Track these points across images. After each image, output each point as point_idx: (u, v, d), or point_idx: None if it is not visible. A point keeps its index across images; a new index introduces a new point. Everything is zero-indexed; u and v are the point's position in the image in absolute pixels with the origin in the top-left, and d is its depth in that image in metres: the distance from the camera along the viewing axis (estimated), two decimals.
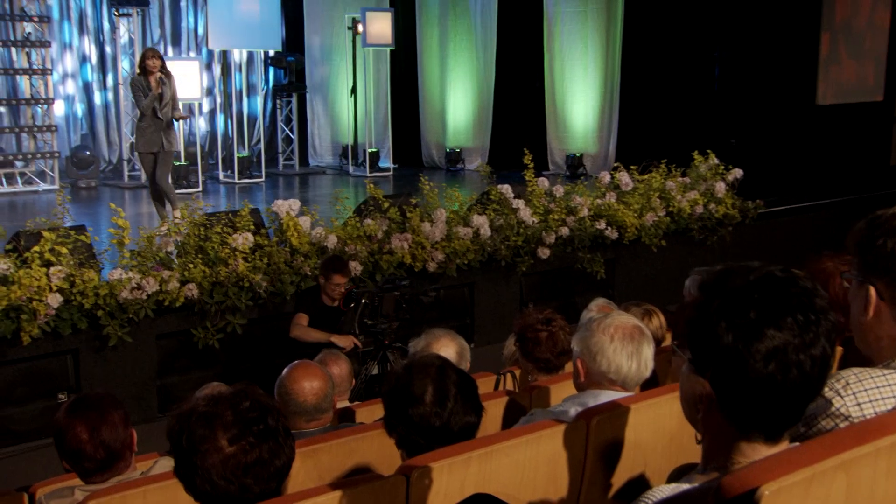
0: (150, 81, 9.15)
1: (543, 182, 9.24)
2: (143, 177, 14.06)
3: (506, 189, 8.91)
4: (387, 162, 15.67)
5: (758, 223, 10.52)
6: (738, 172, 10.32)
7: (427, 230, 8.07)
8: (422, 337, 4.09)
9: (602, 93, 14.11)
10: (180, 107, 9.72)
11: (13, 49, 14.27)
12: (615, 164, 10.28)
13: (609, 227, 9.13)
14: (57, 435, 3.07)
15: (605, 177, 9.83)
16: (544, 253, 8.67)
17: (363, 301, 6.21)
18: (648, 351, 3.05)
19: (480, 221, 8.41)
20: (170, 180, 9.55)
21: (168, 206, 9.31)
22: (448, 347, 3.99)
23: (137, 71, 9.43)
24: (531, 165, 9.04)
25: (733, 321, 1.59)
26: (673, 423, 2.83)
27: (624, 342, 3.02)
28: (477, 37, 15.44)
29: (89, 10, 15.48)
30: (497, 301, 8.71)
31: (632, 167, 9.92)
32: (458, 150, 15.78)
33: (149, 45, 15.50)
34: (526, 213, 8.72)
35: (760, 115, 12.53)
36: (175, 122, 9.48)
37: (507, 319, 8.66)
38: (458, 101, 15.83)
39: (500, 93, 15.30)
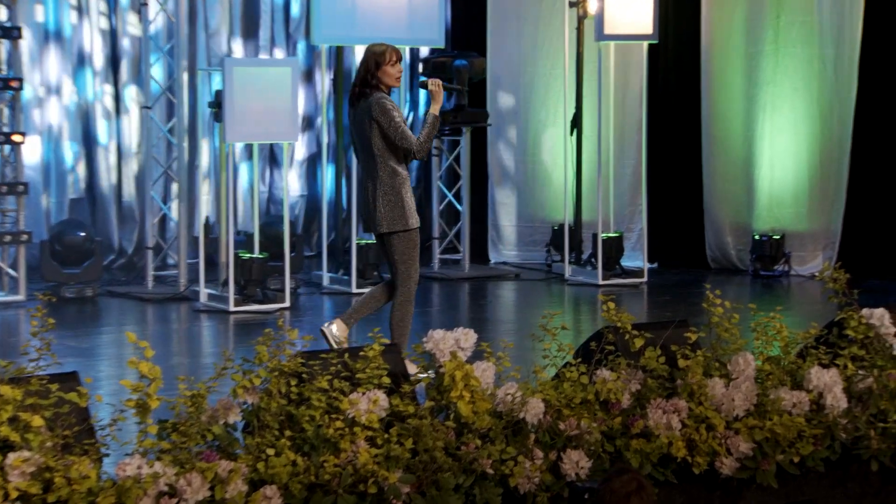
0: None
1: None
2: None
3: (879, 317, 8.84)
4: (638, 259, 15.88)
5: None
6: None
7: (718, 394, 8.08)
8: None
9: None
10: None
11: None
12: None
13: None
14: None
15: None
16: None
17: None
18: None
19: (826, 380, 8.37)
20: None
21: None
22: None
23: (374, 84, 9.69)
24: None
25: None
26: None
27: None
28: (822, 24, 15.56)
29: None
30: None
31: None
32: (777, 237, 15.80)
33: (201, 34, 16.10)
34: None
35: None
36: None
37: None
38: (780, 143, 15.88)
39: (865, 129, 15.30)
